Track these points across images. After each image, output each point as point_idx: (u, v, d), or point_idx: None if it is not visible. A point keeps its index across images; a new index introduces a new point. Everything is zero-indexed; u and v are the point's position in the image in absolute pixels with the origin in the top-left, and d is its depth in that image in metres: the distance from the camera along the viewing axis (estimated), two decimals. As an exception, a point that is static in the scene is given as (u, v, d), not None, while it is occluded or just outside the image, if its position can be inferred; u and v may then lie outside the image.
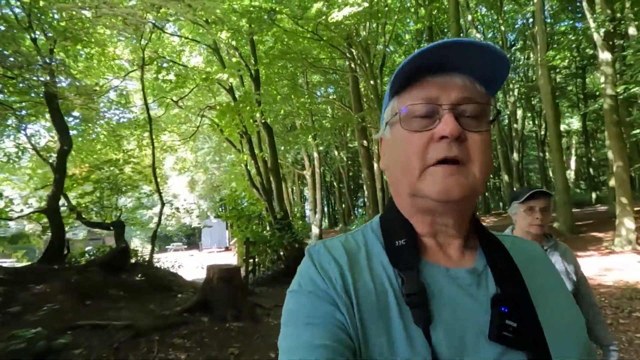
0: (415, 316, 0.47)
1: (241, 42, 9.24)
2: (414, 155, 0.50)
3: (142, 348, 3.42)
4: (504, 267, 0.54)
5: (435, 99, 0.50)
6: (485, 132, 0.52)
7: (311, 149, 18.49)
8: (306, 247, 0.60)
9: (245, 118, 8.44)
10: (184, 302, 4.99)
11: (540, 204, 1.62)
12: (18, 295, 3.82)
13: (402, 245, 0.53)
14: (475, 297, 0.51)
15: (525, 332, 0.48)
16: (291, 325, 0.49)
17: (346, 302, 0.49)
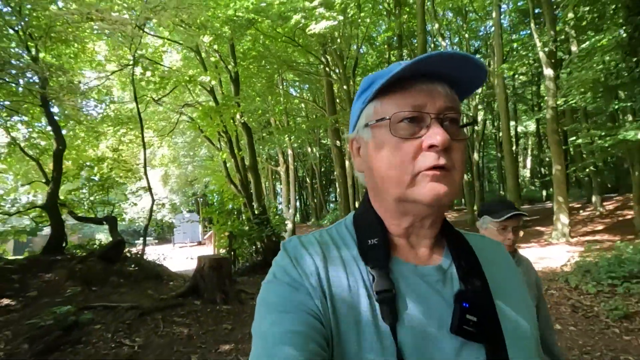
0: (383, 313, 0.50)
1: (222, 46, 9.71)
2: (405, 163, 0.52)
3: (149, 324, 4.03)
4: (468, 265, 0.57)
5: (422, 106, 0.52)
6: (464, 140, 0.55)
7: (285, 146, 19.10)
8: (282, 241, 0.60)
9: (226, 120, 8.97)
10: (177, 288, 5.58)
11: (514, 223, 1.61)
12: (31, 282, 4.29)
13: (375, 244, 0.55)
14: (441, 293, 0.54)
15: (484, 326, 0.51)
16: (265, 313, 0.50)
17: (320, 295, 0.50)
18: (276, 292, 0.51)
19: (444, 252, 0.59)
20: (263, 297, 0.52)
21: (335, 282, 0.52)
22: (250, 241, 8.77)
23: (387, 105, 0.54)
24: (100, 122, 9.74)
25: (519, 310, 0.58)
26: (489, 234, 1.60)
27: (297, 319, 0.47)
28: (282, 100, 15.35)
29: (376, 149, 0.55)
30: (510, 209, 1.59)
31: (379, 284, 0.51)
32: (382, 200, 0.58)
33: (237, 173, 10.40)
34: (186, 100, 12.64)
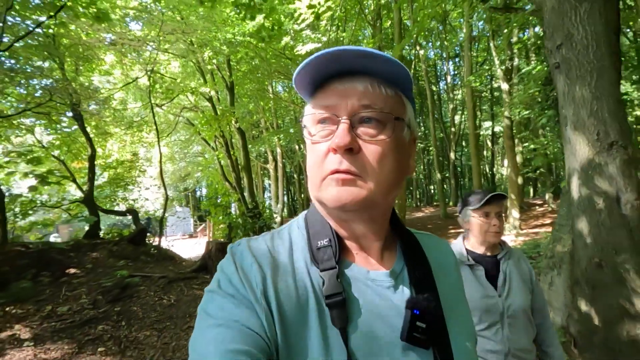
0: (333, 317, 0.49)
1: (220, 60, 11.04)
2: (315, 165, 0.53)
3: (176, 288, 5.47)
4: (420, 270, 0.57)
5: (333, 107, 0.51)
6: (382, 141, 0.51)
7: (275, 145, 20.45)
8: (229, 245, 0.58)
9: (224, 126, 10.34)
10: (189, 266, 7.01)
11: (496, 208, 1.53)
12: (83, 259, 5.67)
13: (324, 245, 0.54)
14: (392, 298, 0.53)
15: (432, 333, 0.51)
16: (205, 326, 0.47)
17: (265, 307, 0.48)
18: (218, 305, 0.48)
19: (396, 256, 0.59)
20: (204, 307, 0.50)
21: (282, 290, 0.50)
22: (244, 232, 10.20)
23: (310, 105, 0.55)
24: (108, 124, 10.96)
25: (463, 315, 0.60)
26: (474, 227, 1.55)
27: (238, 337, 0.45)
28: (272, 104, 16.73)
29: (307, 151, 0.57)
30: (488, 192, 1.54)
31: (329, 288, 0.50)
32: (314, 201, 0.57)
33: (232, 172, 11.77)
34: (184, 105, 13.94)
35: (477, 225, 1.55)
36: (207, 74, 12.16)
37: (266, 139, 16.23)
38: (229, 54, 10.57)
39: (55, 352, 3.31)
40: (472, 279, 1.50)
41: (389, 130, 0.52)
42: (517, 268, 1.54)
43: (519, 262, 1.57)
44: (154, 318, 4.37)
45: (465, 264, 1.52)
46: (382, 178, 0.51)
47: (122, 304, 4.53)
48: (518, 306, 1.46)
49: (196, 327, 0.49)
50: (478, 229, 1.55)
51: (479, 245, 1.58)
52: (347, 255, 0.57)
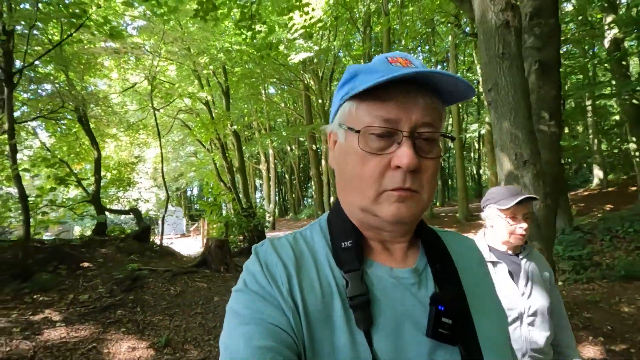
0: (357, 318, 0.49)
1: (216, 65, 11.56)
2: (370, 180, 0.51)
3: (180, 280, 6.01)
4: (443, 266, 0.57)
5: (395, 121, 0.50)
6: (437, 158, 0.53)
7: (267, 146, 21.00)
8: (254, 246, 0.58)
9: (220, 130, 10.86)
10: (190, 262, 7.54)
11: (524, 210, 1.46)
12: (94, 254, 6.17)
13: (348, 247, 0.54)
14: (416, 295, 0.53)
15: (458, 329, 0.51)
16: (234, 324, 0.48)
17: (291, 305, 0.49)
18: (246, 303, 0.50)
19: (419, 254, 0.59)
20: (232, 306, 0.51)
21: (307, 290, 0.51)
22: (240, 230, 10.73)
23: (361, 111, 0.52)
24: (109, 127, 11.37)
25: (491, 311, 0.59)
26: (499, 226, 1.49)
27: (266, 333, 0.46)
28: (265, 107, 17.27)
29: (346, 153, 0.54)
30: (518, 194, 1.45)
31: (353, 289, 0.50)
32: (349, 206, 0.57)
33: (227, 173, 12.27)
34: (180, 107, 14.38)
35: (502, 226, 1.48)
36: (203, 79, 12.66)
37: (259, 140, 16.76)
38: (225, 61, 11.10)
39: (84, 332, 3.84)
40: (495, 276, 1.47)
41: (439, 146, 0.53)
42: (538, 269, 1.50)
43: (540, 263, 1.53)
44: (164, 305, 4.91)
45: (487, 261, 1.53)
46: (432, 192, 0.53)
47: (135, 293, 5.05)
48: (539, 306, 1.43)
49: (225, 326, 0.50)
50: (504, 229, 1.48)
51: (500, 243, 1.52)
52: (371, 254, 0.56)
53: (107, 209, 8.07)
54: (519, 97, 2.33)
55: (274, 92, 21.00)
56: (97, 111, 8.75)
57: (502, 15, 2.34)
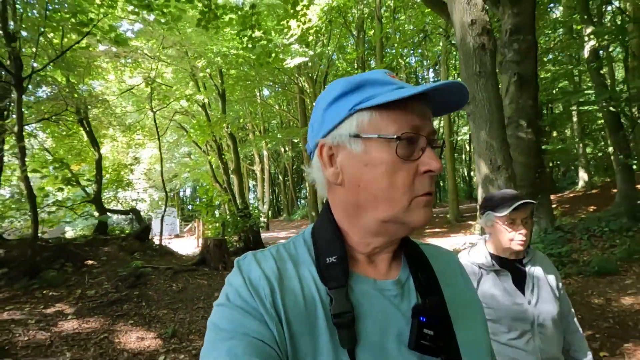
0: (341, 337, 0.48)
1: (213, 69, 11.81)
2: (404, 187, 0.51)
3: (181, 278, 6.25)
4: (425, 278, 0.57)
5: (420, 129, 0.52)
6: None
7: (262, 148, 21.24)
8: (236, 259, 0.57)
9: (216, 132, 11.10)
10: (188, 260, 7.78)
11: (523, 215, 1.41)
12: (97, 253, 6.38)
13: (333, 262, 0.54)
14: (399, 307, 0.54)
15: (440, 340, 0.51)
16: (217, 339, 0.47)
17: (275, 318, 0.49)
18: (229, 317, 0.49)
19: (401, 265, 0.60)
20: (214, 321, 0.50)
21: (291, 304, 0.50)
22: (236, 230, 10.97)
23: (387, 120, 0.52)
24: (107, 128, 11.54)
25: (472, 321, 0.60)
26: (497, 232, 1.45)
27: (250, 348, 0.45)
28: (259, 109, 17.53)
29: (369, 165, 0.52)
30: (516, 199, 1.40)
31: (337, 306, 0.50)
32: (360, 218, 0.55)
33: (223, 174, 12.51)
34: (176, 109, 14.58)
35: (501, 232, 1.43)
36: (200, 81, 12.89)
37: (254, 142, 17.01)
38: (222, 65, 11.36)
39: (95, 323, 4.08)
40: (499, 285, 1.42)
41: None
42: (544, 273, 1.45)
43: (545, 266, 1.48)
44: (167, 300, 5.16)
45: (490, 270, 1.45)
46: None
47: (139, 289, 5.29)
48: (548, 314, 1.38)
49: (207, 341, 0.49)
50: (502, 237, 1.43)
51: (501, 250, 1.48)
52: (355, 267, 0.56)
53: (108, 210, 8.27)
54: (494, 110, 2.67)
55: (268, 93, 21.31)
56: (95, 113, 8.94)
57: (479, 39, 2.68)
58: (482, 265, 1.47)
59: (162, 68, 11.61)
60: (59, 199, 7.24)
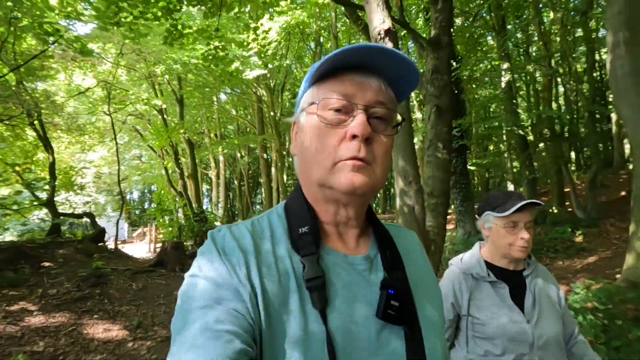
0: (313, 299, 0.52)
1: (172, 76, 12.01)
2: (327, 150, 0.55)
3: (141, 278, 6.56)
4: (391, 255, 0.62)
5: (352, 96, 0.55)
6: (390, 136, 0.58)
7: (217, 153, 21.31)
8: (209, 231, 0.59)
9: (174, 138, 11.32)
10: (146, 263, 8.01)
11: (526, 217, 1.26)
12: (53, 255, 6.48)
13: (305, 232, 0.57)
14: (368, 280, 0.58)
15: (404, 311, 0.56)
16: (188, 310, 0.48)
17: (249, 290, 0.50)
18: (201, 288, 0.50)
19: (370, 242, 0.64)
20: (187, 291, 0.50)
21: (265, 275, 0.52)
22: (191, 234, 11.22)
23: (320, 91, 0.57)
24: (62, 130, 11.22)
25: (430, 298, 0.65)
26: (495, 235, 1.30)
27: (223, 317, 0.46)
28: (216, 114, 17.77)
29: (307, 133, 0.58)
30: (520, 199, 1.26)
31: (309, 272, 0.53)
32: (309, 185, 0.60)
33: (179, 179, 12.66)
34: (130, 112, 14.43)
35: (500, 236, 1.29)
36: (157, 86, 12.97)
37: (210, 147, 17.20)
38: (181, 72, 11.62)
39: (62, 318, 4.39)
40: (495, 299, 1.28)
41: (392, 127, 0.58)
42: (545, 288, 1.30)
43: (547, 279, 1.33)
44: (129, 298, 5.50)
45: (484, 280, 1.31)
46: (385, 169, 0.57)
47: (100, 288, 5.57)
48: (550, 336, 1.23)
49: (178, 310, 0.49)
50: (501, 240, 1.29)
51: (499, 257, 1.34)
52: (327, 241, 0.60)
53: (62, 213, 8.21)
54: (407, 138, 3.57)
55: (224, 97, 21.48)
56: (47, 114, 8.85)
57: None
58: (477, 274, 1.31)
59: (118, 73, 11.61)
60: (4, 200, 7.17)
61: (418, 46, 5.59)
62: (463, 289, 1.33)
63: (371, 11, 3.51)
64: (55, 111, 8.17)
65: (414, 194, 3.61)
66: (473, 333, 1.28)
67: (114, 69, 10.34)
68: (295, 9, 11.19)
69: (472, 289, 1.31)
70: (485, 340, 1.25)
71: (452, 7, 5.58)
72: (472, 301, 1.29)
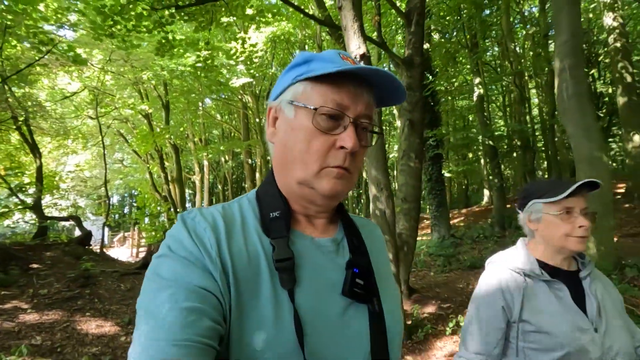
0: (283, 279, 0.55)
1: (158, 82, 12.22)
2: (316, 155, 0.58)
3: (128, 280, 6.77)
4: (357, 240, 0.67)
5: (345, 107, 0.58)
6: (367, 147, 0.63)
7: (202, 158, 21.42)
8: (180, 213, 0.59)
9: (160, 143, 11.52)
10: (132, 265, 8.18)
11: (582, 203, 1.08)
12: (41, 257, 6.63)
13: (276, 216, 0.60)
14: (335, 261, 0.62)
15: (367, 289, 0.60)
16: (158, 288, 0.49)
17: (220, 268, 0.52)
18: (170, 267, 0.51)
19: (337, 227, 0.68)
20: (155, 271, 0.51)
21: (236, 254, 0.54)
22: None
23: (316, 92, 0.58)
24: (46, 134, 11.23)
25: (387, 281, 0.70)
26: (546, 226, 1.10)
27: (193, 296, 0.47)
28: (201, 119, 17.97)
29: (294, 129, 0.60)
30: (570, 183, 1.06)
31: (280, 253, 0.56)
32: (287, 178, 0.62)
33: (164, 184, 12.81)
34: (114, 115, 14.49)
35: (554, 226, 1.10)
36: (143, 92, 13.13)
37: (195, 153, 17.36)
38: (168, 78, 11.86)
39: (55, 316, 4.60)
40: (554, 302, 1.07)
41: (370, 139, 0.64)
42: (607, 292, 1.11)
43: (607, 284, 1.15)
44: (118, 297, 5.73)
45: (540, 279, 1.10)
46: (358, 174, 0.62)
47: (90, 288, 5.78)
48: (621, 345, 1.03)
49: (146, 289, 0.50)
50: (556, 232, 1.10)
51: (552, 254, 1.14)
52: (296, 226, 0.63)
53: (48, 217, 8.30)
54: (379, 149, 4.03)
55: (209, 101, 21.67)
56: (35, 118, 8.95)
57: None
58: (531, 272, 1.11)
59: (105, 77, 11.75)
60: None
61: (394, 64, 6.12)
62: (514, 289, 1.09)
63: (348, 37, 3.97)
64: (44, 116, 8.28)
65: (385, 199, 4.07)
66: (526, 344, 1.06)
67: (100, 74, 10.48)
68: (281, 21, 11.62)
69: (525, 290, 1.08)
70: (542, 352, 1.03)
71: (423, 30, 6.15)
72: (526, 304, 1.07)
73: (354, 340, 0.57)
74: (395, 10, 5.98)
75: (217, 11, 6.31)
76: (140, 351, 0.45)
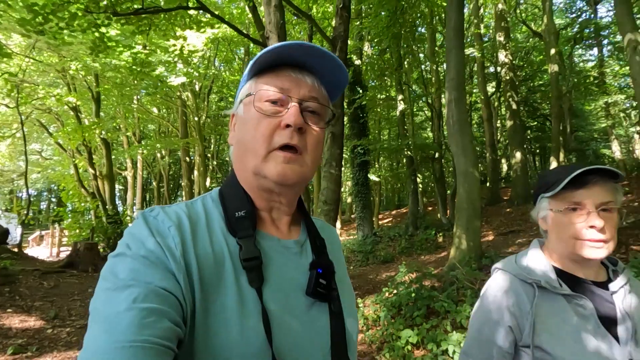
0: (250, 278, 0.55)
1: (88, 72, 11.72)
2: (262, 138, 0.59)
3: (51, 278, 6.69)
4: (319, 242, 0.68)
5: (287, 90, 0.60)
6: (321, 129, 0.63)
7: (136, 154, 20.52)
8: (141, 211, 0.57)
9: (89, 137, 11.09)
10: (56, 263, 7.97)
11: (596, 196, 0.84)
12: (-51, 255, 6.28)
13: (242, 216, 0.60)
14: (299, 262, 0.64)
15: (329, 289, 0.62)
16: (114, 287, 0.47)
17: (183, 269, 0.51)
18: (129, 267, 0.48)
19: (301, 229, 0.70)
20: (112, 270, 0.49)
21: (201, 254, 0.53)
22: (105, 236, 11.05)
23: (258, 84, 0.62)
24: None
25: (344, 281, 0.72)
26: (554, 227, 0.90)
27: (152, 296, 0.46)
28: (136, 113, 17.35)
29: (244, 123, 0.63)
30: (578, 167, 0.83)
31: (247, 252, 0.56)
32: (244, 173, 0.64)
33: (92, 180, 12.26)
34: (36, 106, 13.46)
35: (561, 226, 0.88)
36: (71, 83, 12.46)
37: (128, 151, 16.71)
38: (99, 70, 11.44)
39: (-27, 312, 4.58)
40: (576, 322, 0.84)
41: (324, 122, 0.64)
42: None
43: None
44: (41, 294, 5.73)
45: (556, 292, 0.87)
46: (315, 159, 0.63)
47: (10, 286, 5.70)
48: None
49: (100, 289, 0.48)
50: (563, 233, 0.88)
51: (569, 261, 0.90)
52: (262, 227, 0.64)
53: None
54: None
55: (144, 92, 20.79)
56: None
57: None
58: (546, 283, 0.87)
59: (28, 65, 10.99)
60: None
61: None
62: (523, 304, 0.88)
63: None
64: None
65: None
66: None
67: (21, 60, 9.88)
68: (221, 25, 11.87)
69: (538, 306, 0.86)
70: None
71: (347, 53, 7.06)
72: (539, 326, 0.85)
73: (317, 338, 0.59)
74: (323, 37, 6.76)
75: (155, 17, 6.57)
76: (92, 354, 0.42)
